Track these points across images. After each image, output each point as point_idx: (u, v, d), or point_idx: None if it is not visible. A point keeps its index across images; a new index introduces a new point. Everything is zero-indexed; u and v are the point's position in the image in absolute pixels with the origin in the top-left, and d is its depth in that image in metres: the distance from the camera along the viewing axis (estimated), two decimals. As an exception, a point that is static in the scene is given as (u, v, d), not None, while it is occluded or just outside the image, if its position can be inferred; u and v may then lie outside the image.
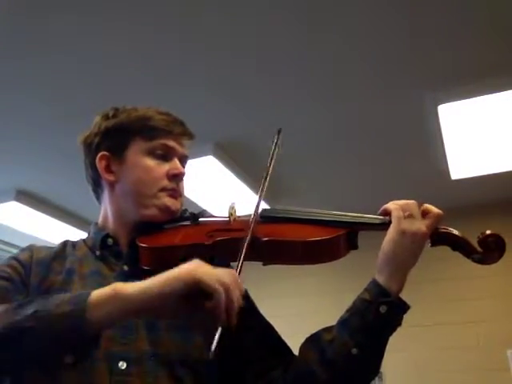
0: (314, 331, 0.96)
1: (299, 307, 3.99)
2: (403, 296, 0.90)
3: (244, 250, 0.85)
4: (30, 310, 0.74)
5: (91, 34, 1.99)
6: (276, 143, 1.09)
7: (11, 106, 2.43)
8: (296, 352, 0.98)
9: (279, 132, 1.11)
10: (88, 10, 1.87)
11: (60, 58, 2.11)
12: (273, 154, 1.07)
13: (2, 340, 0.73)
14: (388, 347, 0.92)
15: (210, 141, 2.76)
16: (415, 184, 3.44)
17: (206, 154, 2.79)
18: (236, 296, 0.74)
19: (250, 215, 0.95)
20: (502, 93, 2.36)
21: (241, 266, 0.83)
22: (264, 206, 1.03)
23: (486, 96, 2.38)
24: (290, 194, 3.44)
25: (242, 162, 3.00)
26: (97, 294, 0.75)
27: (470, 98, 2.40)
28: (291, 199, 3.52)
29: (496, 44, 2.12)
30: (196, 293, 0.72)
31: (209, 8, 1.89)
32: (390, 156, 3.07)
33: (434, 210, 0.93)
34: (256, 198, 1.01)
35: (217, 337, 0.72)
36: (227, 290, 0.73)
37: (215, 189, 3.22)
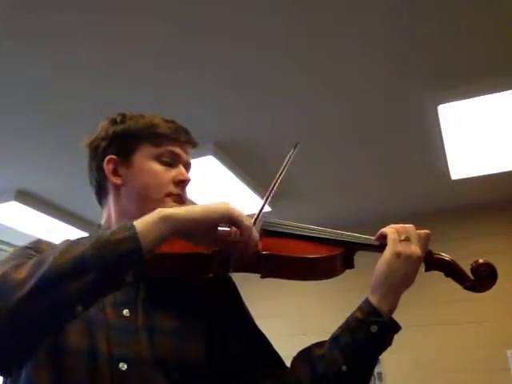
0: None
1: (300, 307, 4.00)
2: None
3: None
4: (88, 242, 0.77)
5: (91, 33, 1.99)
6: (290, 157, 1.11)
7: (11, 106, 2.43)
8: (293, 351, 0.99)
9: (296, 146, 1.16)
10: (88, 9, 1.87)
11: (61, 57, 2.11)
12: (284, 167, 1.09)
13: (70, 272, 0.75)
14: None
15: (210, 141, 2.76)
16: (415, 184, 3.44)
17: (206, 154, 2.79)
18: (255, 235, 0.88)
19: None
20: (502, 93, 2.36)
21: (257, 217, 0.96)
22: (265, 207, 1.03)
23: (486, 96, 2.38)
24: (289, 194, 3.44)
25: (242, 161, 3.01)
26: (143, 219, 0.81)
27: (469, 98, 2.40)
28: (290, 199, 3.53)
29: (496, 44, 2.12)
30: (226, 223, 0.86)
31: (208, 7, 1.89)
32: (390, 156, 3.07)
33: (422, 231, 0.94)
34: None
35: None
36: (251, 227, 0.87)
37: (215, 189, 3.22)
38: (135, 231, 0.78)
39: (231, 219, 0.85)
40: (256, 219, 0.94)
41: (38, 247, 0.94)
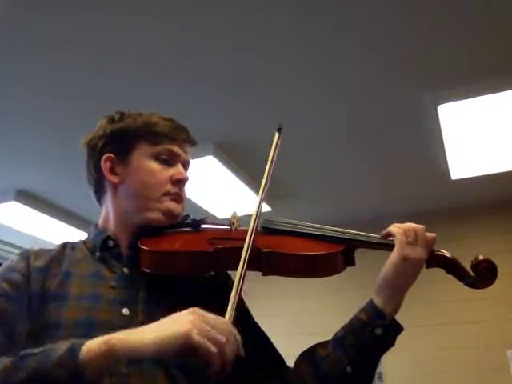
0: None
1: (300, 307, 3.99)
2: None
3: (243, 270, 0.85)
4: (25, 372, 0.73)
5: (92, 32, 1.98)
6: (276, 144, 1.09)
7: (11, 106, 2.42)
8: (294, 351, 0.99)
9: (279, 130, 1.11)
10: (88, 8, 1.87)
11: (61, 57, 2.11)
12: (273, 157, 1.06)
13: None
14: (388, 347, 0.92)
15: (210, 141, 2.76)
16: (415, 184, 3.44)
17: (206, 154, 2.79)
18: (231, 351, 0.74)
19: (250, 225, 0.95)
20: (501, 93, 2.35)
21: (240, 289, 0.83)
22: (264, 207, 1.03)
23: (486, 96, 2.38)
24: (288, 193, 3.44)
25: (242, 161, 3.00)
26: (89, 350, 0.73)
27: (469, 98, 2.40)
28: (290, 199, 3.52)
29: (496, 44, 2.12)
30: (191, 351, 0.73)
31: (208, 7, 1.89)
32: (389, 156, 3.07)
33: (429, 234, 0.94)
34: (256, 198, 1.01)
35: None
36: (221, 351, 0.73)
37: (215, 189, 3.22)
38: (76, 366, 0.72)
39: (194, 348, 0.72)
40: (232, 315, 0.82)
41: (17, 268, 0.94)
